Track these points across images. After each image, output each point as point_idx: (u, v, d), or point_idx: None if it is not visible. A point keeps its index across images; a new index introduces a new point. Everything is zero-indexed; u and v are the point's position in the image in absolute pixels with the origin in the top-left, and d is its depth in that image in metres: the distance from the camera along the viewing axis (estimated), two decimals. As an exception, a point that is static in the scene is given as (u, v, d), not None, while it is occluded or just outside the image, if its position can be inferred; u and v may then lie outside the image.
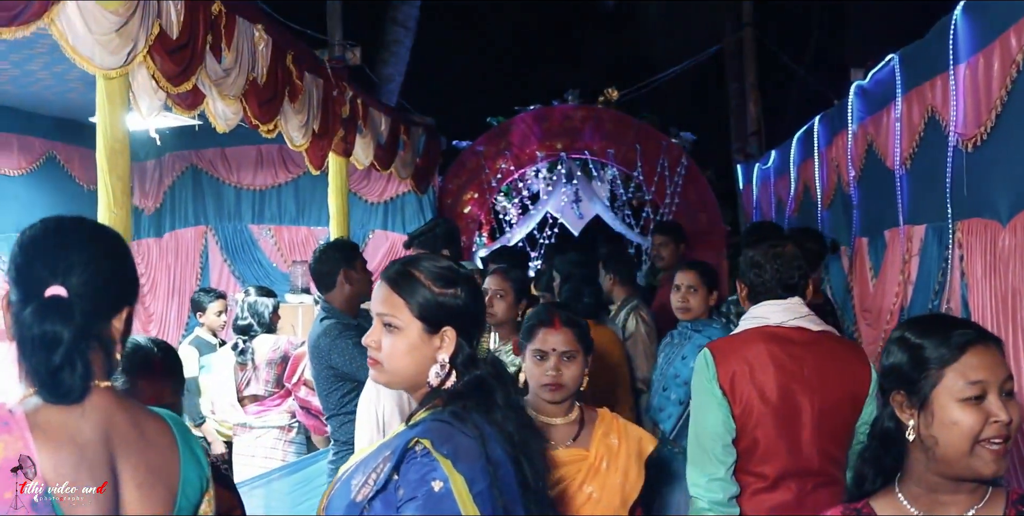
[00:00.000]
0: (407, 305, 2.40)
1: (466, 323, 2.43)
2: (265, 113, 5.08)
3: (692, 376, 3.82)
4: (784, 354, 3.66)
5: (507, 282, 5.08)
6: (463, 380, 2.41)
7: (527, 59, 14.64)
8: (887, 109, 5.42)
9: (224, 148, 9.16)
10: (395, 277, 2.45)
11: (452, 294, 2.42)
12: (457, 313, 2.41)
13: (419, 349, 2.40)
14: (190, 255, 9.31)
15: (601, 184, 10.92)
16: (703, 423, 3.64)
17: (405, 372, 2.43)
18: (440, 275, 2.43)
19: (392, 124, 7.81)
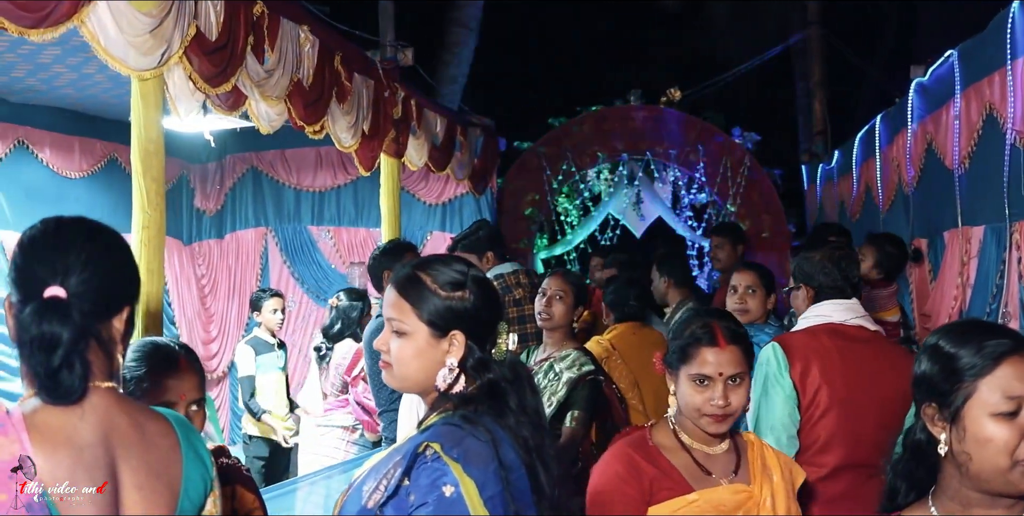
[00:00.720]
0: (413, 309, 2.37)
1: (476, 327, 2.37)
2: (311, 114, 5.07)
3: (755, 369, 3.79)
4: (849, 350, 3.75)
5: (568, 284, 4.97)
6: (475, 384, 2.36)
7: (590, 59, 14.55)
8: (946, 107, 5.27)
9: (284, 150, 9.20)
10: (402, 281, 2.43)
11: (459, 298, 2.37)
12: (466, 317, 2.36)
13: (427, 353, 2.37)
14: (250, 256, 9.36)
15: (663, 185, 10.80)
16: (771, 414, 3.70)
17: (414, 376, 2.40)
18: (448, 278, 2.39)
19: (448, 125, 7.77)
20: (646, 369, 5.62)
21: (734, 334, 2.87)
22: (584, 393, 4.84)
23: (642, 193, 10.83)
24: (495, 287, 2.49)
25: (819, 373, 3.70)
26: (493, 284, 2.48)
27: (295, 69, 4.81)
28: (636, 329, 5.91)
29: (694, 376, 2.82)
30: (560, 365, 4.95)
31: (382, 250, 5.62)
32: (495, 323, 2.42)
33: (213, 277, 9.38)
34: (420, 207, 9.19)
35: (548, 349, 5.04)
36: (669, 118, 10.62)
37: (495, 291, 2.46)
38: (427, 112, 7.25)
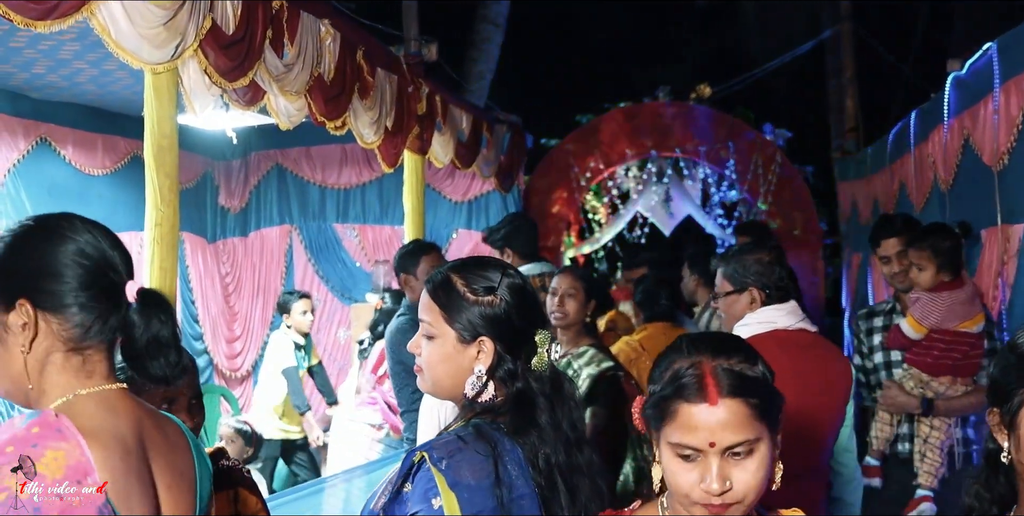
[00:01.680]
0: (442, 313, 2.31)
1: (507, 334, 2.30)
2: (332, 110, 4.97)
3: None
4: (799, 358, 3.63)
5: (577, 281, 4.94)
6: (505, 394, 2.29)
7: (618, 56, 14.41)
8: (984, 101, 5.11)
9: (309, 147, 9.13)
10: (435, 284, 2.36)
11: (489, 303, 2.30)
12: (495, 323, 2.29)
13: (454, 359, 2.31)
14: (275, 254, 9.30)
15: (692, 183, 10.66)
16: None
17: (443, 381, 2.33)
18: (480, 283, 2.32)
19: (474, 121, 7.67)
20: None
21: (737, 384, 1.84)
22: (604, 388, 4.82)
23: (671, 191, 10.70)
24: (533, 294, 2.40)
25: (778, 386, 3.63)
26: (532, 292, 2.37)
27: (315, 64, 4.72)
28: (667, 330, 5.80)
29: (675, 446, 1.83)
30: (579, 362, 4.90)
31: (402, 251, 5.56)
32: (530, 331, 2.33)
33: (237, 275, 9.32)
34: (446, 204, 9.10)
35: (564, 346, 4.99)
36: (699, 115, 10.49)
37: (531, 298, 2.36)
38: (452, 108, 7.14)
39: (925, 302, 4.50)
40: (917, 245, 4.54)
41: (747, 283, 3.78)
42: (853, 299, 9.21)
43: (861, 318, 5.15)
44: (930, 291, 4.51)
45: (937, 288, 4.50)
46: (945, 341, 4.49)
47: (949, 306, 4.46)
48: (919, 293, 4.57)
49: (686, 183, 10.69)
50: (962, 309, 4.47)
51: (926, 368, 4.56)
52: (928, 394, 4.51)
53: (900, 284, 4.88)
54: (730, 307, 3.87)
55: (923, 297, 4.53)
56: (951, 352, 4.49)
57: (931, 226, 4.77)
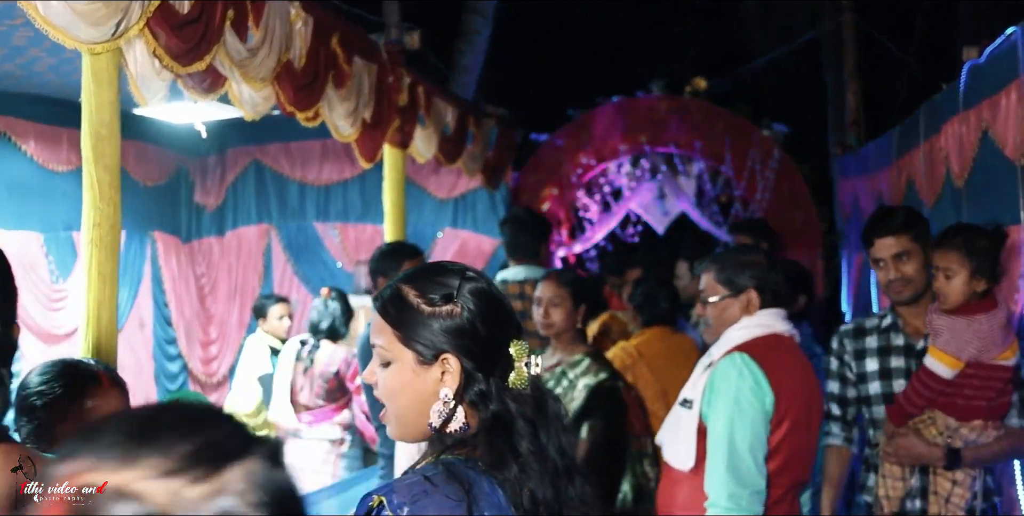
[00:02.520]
0: (395, 332, 1.97)
1: (474, 347, 1.95)
2: (302, 99, 4.60)
3: (716, 384, 3.52)
4: (799, 363, 3.64)
5: (562, 287, 4.63)
6: (479, 421, 1.94)
7: (610, 48, 14.05)
8: (1006, 90, 4.73)
9: (288, 143, 8.76)
10: (384, 299, 2.02)
11: (448, 313, 1.95)
12: (458, 335, 1.94)
13: (415, 384, 1.96)
14: (252, 254, 8.93)
15: (687, 179, 10.37)
16: (748, 432, 3.42)
17: (407, 414, 1.99)
18: (436, 290, 1.97)
19: (460, 115, 7.31)
20: (676, 378, 5.22)
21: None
22: (602, 401, 4.55)
23: (665, 188, 10.39)
24: (501, 298, 2.04)
25: (786, 387, 3.52)
26: (499, 296, 2.01)
27: (284, 49, 4.34)
28: (667, 335, 5.47)
29: None
30: (574, 371, 4.61)
31: (379, 253, 5.20)
32: (501, 342, 1.98)
33: (213, 276, 8.95)
34: (431, 202, 8.73)
35: (557, 354, 4.69)
36: (694, 109, 10.19)
37: (500, 304, 2.01)
38: (436, 100, 6.78)
39: (961, 329, 3.65)
40: (946, 244, 3.72)
41: (744, 286, 3.62)
42: (855, 302, 8.86)
43: (846, 336, 4.25)
44: (960, 314, 3.66)
45: (968, 309, 3.68)
46: (980, 377, 3.68)
47: (989, 332, 3.64)
48: (942, 316, 3.72)
49: (680, 180, 10.39)
50: (1002, 335, 3.67)
51: (956, 412, 3.74)
52: (956, 443, 3.71)
53: (897, 295, 4.07)
54: (723, 312, 3.67)
55: (956, 322, 3.66)
56: (986, 391, 3.70)
57: (961, 225, 4.03)
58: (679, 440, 3.59)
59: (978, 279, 3.67)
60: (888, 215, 4.22)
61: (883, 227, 4.10)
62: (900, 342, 4.06)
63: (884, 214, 4.28)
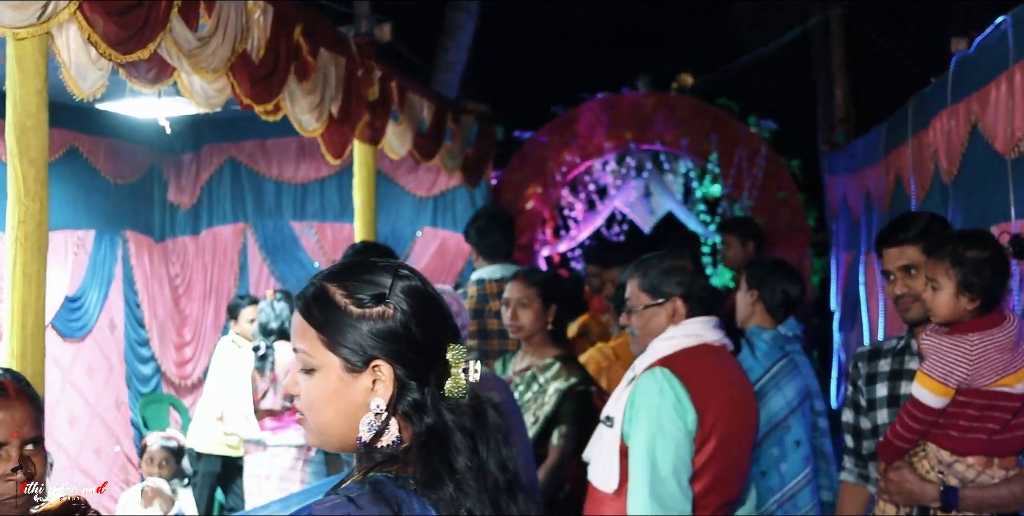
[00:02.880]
0: (320, 336, 1.79)
1: (408, 353, 1.77)
2: (260, 92, 4.40)
3: (637, 401, 3.30)
4: (731, 374, 3.48)
5: (530, 287, 4.45)
6: (412, 434, 1.76)
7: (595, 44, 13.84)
8: (996, 82, 4.55)
9: (264, 140, 8.55)
10: (306, 299, 1.84)
11: (380, 315, 1.77)
12: (391, 340, 1.76)
13: (343, 394, 1.79)
14: (228, 254, 8.71)
15: (674, 177, 10.20)
16: (670, 453, 3.22)
17: (333, 426, 1.81)
18: (365, 290, 1.79)
19: (437, 110, 7.11)
20: None
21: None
22: (573, 406, 4.39)
23: (651, 186, 10.21)
24: (437, 298, 1.85)
25: (714, 403, 3.32)
26: (434, 296, 1.83)
27: (239, 39, 4.13)
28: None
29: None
30: (545, 375, 4.42)
31: (350, 253, 5.00)
32: (439, 347, 1.80)
33: (187, 277, 8.73)
34: (409, 200, 8.52)
35: (528, 357, 4.50)
36: (680, 106, 9.95)
37: (436, 304, 1.82)
38: (411, 95, 6.58)
39: (946, 350, 3.20)
40: (934, 254, 3.29)
41: (669, 293, 3.43)
42: (843, 301, 8.68)
43: (861, 359, 3.81)
44: (953, 332, 3.23)
45: (962, 327, 3.22)
46: (977, 406, 3.19)
47: (983, 354, 3.17)
48: (932, 334, 3.29)
49: (667, 177, 10.23)
50: (1001, 359, 3.17)
51: (950, 445, 3.25)
52: (951, 481, 3.22)
53: (905, 312, 3.62)
54: (648, 321, 3.47)
55: (942, 342, 3.23)
56: (985, 422, 3.20)
57: (965, 232, 3.54)
58: (601, 459, 3.40)
59: (964, 295, 3.18)
60: (903, 222, 3.75)
61: (892, 236, 3.67)
62: (913, 366, 3.53)
63: (900, 221, 3.83)
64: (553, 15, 13.66)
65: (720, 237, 7.66)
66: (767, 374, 4.50)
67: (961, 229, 3.78)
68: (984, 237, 3.35)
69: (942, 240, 3.37)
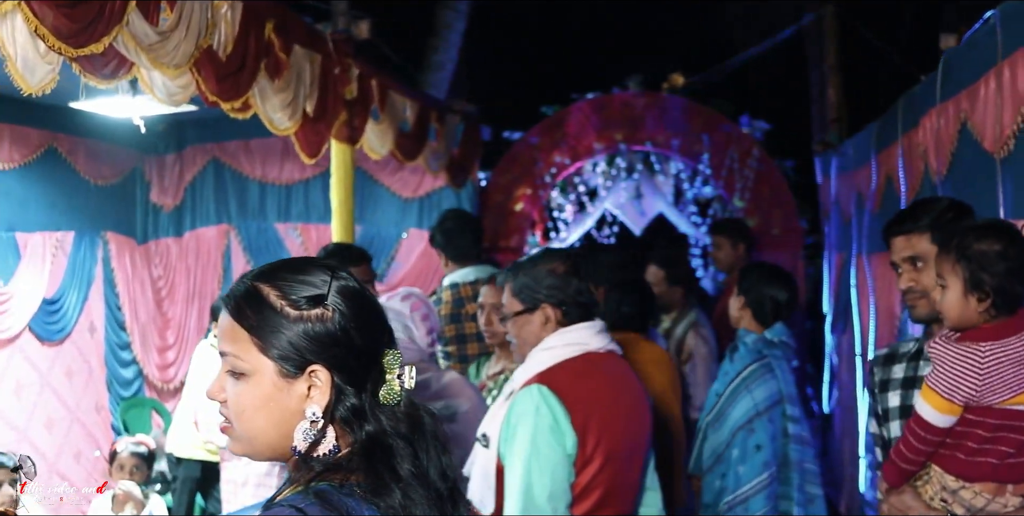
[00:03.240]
0: (253, 339, 1.70)
1: (347, 359, 1.69)
2: (228, 89, 4.27)
3: (510, 420, 3.09)
4: (618, 385, 3.25)
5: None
6: (351, 442, 1.69)
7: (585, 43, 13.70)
8: (985, 79, 4.43)
9: (248, 140, 8.44)
10: (236, 298, 1.75)
11: (317, 317, 1.69)
12: (328, 345, 1.68)
13: (276, 401, 1.70)
14: (211, 256, 8.60)
15: (664, 178, 10.02)
16: (547, 479, 2.99)
17: (264, 435, 1.73)
18: (301, 290, 1.70)
19: (420, 110, 7.00)
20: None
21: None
22: None
23: (642, 187, 10.04)
24: (373, 301, 1.75)
25: (597, 419, 3.09)
26: (371, 298, 1.75)
27: (204, 34, 4.01)
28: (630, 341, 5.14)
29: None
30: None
31: (323, 255, 4.88)
32: (377, 351, 1.72)
33: (171, 279, 8.62)
34: (395, 201, 8.42)
35: (502, 361, 4.37)
36: (671, 106, 9.82)
37: (373, 307, 1.75)
38: (392, 94, 6.46)
39: (953, 360, 2.81)
40: (944, 247, 2.90)
41: (539, 299, 3.22)
42: (835, 304, 8.56)
43: (876, 364, 3.45)
44: (965, 339, 2.83)
45: (976, 334, 2.82)
46: (987, 427, 2.81)
47: (995, 367, 2.77)
48: (941, 341, 2.90)
49: (658, 179, 10.03)
50: (1018, 373, 2.77)
51: (956, 469, 2.88)
52: (957, 510, 2.87)
53: (913, 311, 3.29)
54: (521, 329, 3.28)
55: (948, 351, 2.83)
56: (997, 444, 2.81)
57: (980, 221, 3.10)
58: (477, 480, 3.21)
59: (973, 294, 2.80)
60: (914, 208, 3.44)
61: (899, 223, 3.34)
62: (928, 372, 3.05)
63: (912, 206, 3.57)
64: (543, 14, 13.54)
65: (712, 240, 7.53)
66: (739, 376, 4.60)
67: (976, 221, 3.20)
68: (999, 227, 2.88)
69: (953, 231, 2.94)
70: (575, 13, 13.62)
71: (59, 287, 7.40)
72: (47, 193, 7.25)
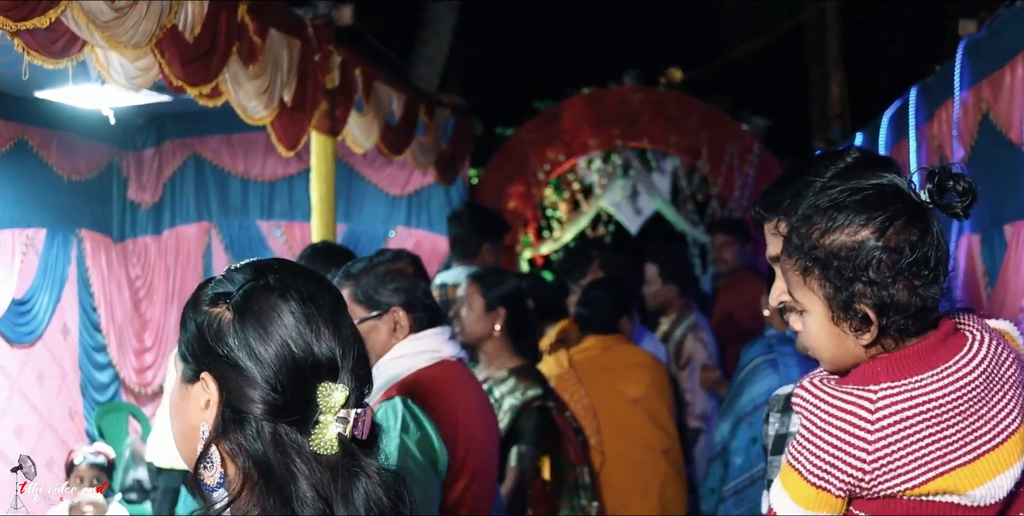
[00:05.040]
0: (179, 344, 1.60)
1: (227, 369, 1.47)
2: (195, 73, 3.96)
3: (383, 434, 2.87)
4: (475, 397, 3.04)
5: (473, 286, 4.09)
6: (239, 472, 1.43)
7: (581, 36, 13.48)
8: (1011, 66, 4.14)
9: (231, 135, 8.13)
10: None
11: (214, 316, 1.52)
12: (212, 349, 1.50)
13: (180, 410, 1.55)
14: (191, 255, 8.30)
15: (661, 176, 9.84)
16: (420, 498, 2.68)
17: (180, 450, 1.58)
18: (220, 286, 1.55)
19: (408, 102, 6.70)
20: (610, 395, 4.67)
21: None
22: (531, 423, 3.99)
23: (638, 185, 9.86)
24: (301, 315, 1.45)
25: (463, 433, 2.89)
26: (299, 311, 1.49)
27: (167, 12, 3.69)
28: (609, 344, 4.85)
29: None
30: (500, 389, 4.03)
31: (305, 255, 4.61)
32: (289, 377, 1.46)
33: (149, 279, 8.30)
34: (383, 199, 8.13)
35: (485, 369, 4.09)
36: (669, 101, 9.61)
37: (291, 321, 1.47)
38: (378, 85, 6.16)
39: (826, 415, 1.73)
40: (785, 245, 1.87)
41: (388, 304, 2.93)
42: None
43: (774, 409, 1.79)
44: (852, 380, 1.76)
45: (869, 369, 1.76)
46: None
47: (901, 427, 1.69)
48: (811, 384, 1.81)
49: (654, 176, 9.85)
50: (942, 436, 1.70)
51: None
52: None
53: (799, 340, 2.13)
54: (367, 337, 2.92)
55: (823, 401, 1.76)
56: None
57: (830, 184, 1.91)
58: None
59: (844, 321, 1.76)
60: (780, 181, 2.35)
61: (755, 206, 2.34)
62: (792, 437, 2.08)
63: (780, 177, 2.48)
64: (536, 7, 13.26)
65: (717, 239, 7.24)
66: (744, 369, 4.62)
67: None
68: (864, 194, 1.75)
69: (785, 207, 2.05)
70: (570, 6, 13.35)
71: (30, 287, 7.07)
72: (17, 188, 6.93)
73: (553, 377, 4.61)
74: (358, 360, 1.47)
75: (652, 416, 4.65)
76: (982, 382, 1.70)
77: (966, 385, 1.69)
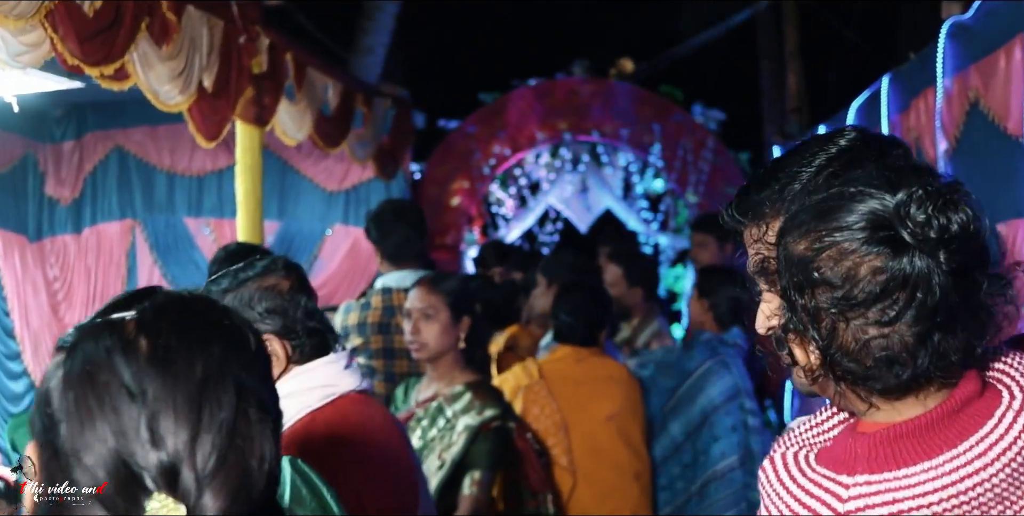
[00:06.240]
0: None
1: (45, 429, 1.32)
2: (95, 51, 3.49)
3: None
4: (382, 438, 2.57)
5: (435, 295, 3.62)
6: None
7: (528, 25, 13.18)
8: (1005, 49, 3.78)
9: (155, 126, 7.66)
10: None
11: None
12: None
13: None
14: (114, 254, 7.86)
15: (612, 171, 9.55)
16: None
17: None
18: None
19: (344, 91, 6.28)
20: (582, 410, 4.29)
21: None
22: (487, 446, 3.53)
23: (588, 180, 9.56)
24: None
25: (369, 494, 2.39)
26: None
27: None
28: (583, 356, 4.46)
29: None
30: (453, 407, 3.57)
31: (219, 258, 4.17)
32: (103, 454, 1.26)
33: (68, 280, 7.82)
34: (319, 194, 7.72)
35: (434, 384, 3.65)
36: (619, 93, 9.35)
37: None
38: (312, 72, 5.71)
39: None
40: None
41: (277, 329, 2.42)
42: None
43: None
44: (823, 460, 1.40)
45: (845, 446, 1.38)
46: None
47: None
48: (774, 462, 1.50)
49: (605, 171, 9.55)
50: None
51: None
52: None
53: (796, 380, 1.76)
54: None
55: (783, 489, 1.43)
56: None
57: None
58: None
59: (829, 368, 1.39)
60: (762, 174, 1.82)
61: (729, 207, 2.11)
62: None
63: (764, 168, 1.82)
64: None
65: (695, 237, 6.87)
66: (694, 374, 4.65)
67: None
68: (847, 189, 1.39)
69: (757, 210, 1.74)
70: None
71: None
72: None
73: (521, 388, 4.21)
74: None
75: (625, 437, 4.27)
76: (1005, 478, 1.19)
77: (975, 486, 1.19)
